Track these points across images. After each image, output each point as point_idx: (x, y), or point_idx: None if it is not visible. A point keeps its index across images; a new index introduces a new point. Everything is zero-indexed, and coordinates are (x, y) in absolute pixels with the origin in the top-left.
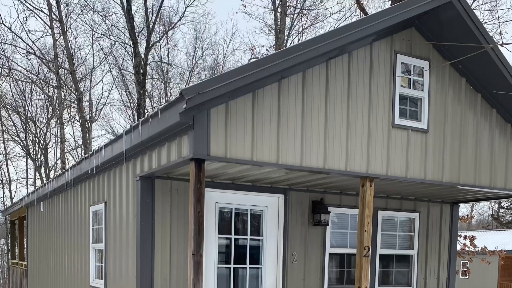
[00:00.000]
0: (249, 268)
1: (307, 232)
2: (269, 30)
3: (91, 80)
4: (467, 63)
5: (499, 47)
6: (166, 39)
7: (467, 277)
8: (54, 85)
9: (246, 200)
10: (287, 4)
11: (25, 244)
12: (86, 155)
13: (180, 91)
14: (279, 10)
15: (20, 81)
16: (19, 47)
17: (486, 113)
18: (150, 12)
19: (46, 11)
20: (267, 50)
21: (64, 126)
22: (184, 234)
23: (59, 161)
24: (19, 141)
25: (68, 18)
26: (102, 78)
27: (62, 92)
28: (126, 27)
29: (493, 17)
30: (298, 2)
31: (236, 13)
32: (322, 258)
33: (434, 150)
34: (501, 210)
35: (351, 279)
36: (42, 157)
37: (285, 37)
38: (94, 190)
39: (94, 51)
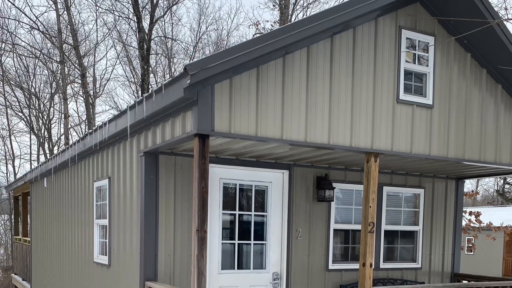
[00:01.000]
0: (254, 244)
1: (311, 208)
2: (273, 5)
3: (94, 56)
4: (472, 38)
5: (504, 22)
6: (170, 14)
7: (472, 253)
8: (58, 60)
9: (251, 176)
10: None
11: (28, 220)
12: (90, 131)
13: (184, 66)
14: None
15: (23, 57)
16: (22, 22)
17: (491, 89)
18: None
19: None
20: (271, 25)
21: (68, 102)
22: (188, 210)
23: (62, 137)
24: (23, 116)
25: None
26: (106, 54)
27: (65, 68)
28: (130, 2)
29: None
30: None
31: None
32: (326, 234)
33: (439, 125)
34: (506, 186)
35: (356, 255)
36: (46, 133)
37: (290, 12)
38: (98, 165)
39: (98, 26)
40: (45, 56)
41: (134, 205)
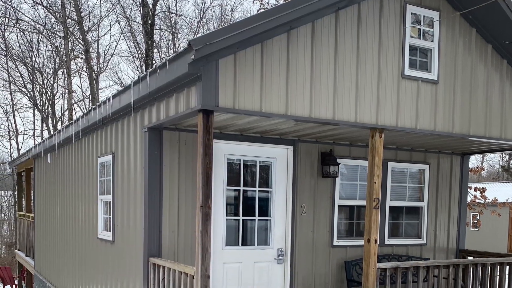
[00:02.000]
0: (258, 220)
1: (316, 184)
2: None
3: (98, 31)
4: (477, 13)
5: None
6: None
7: (477, 229)
8: (61, 35)
9: (255, 152)
10: None
11: (32, 196)
12: (94, 106)
13: (189, 41)
14: None
15: (27, 32)
16: None
17: (496, 64)
18: None
19: None
20: (275, 0)
21: (72, 77)
22: (192, 186)
23: (66, 112)
24: (26, 92)
25: None
26: (110, 29)
27: (69, 43)
28: None
29: None
30: None
31: None
32: (331, 210)
33: (444, 101)
34: None
35: (361, 231)
36: (49, 108)
37: None
38: (102, 141)
39: (102, 1)
40: (48, 32)
41: (138, 181)
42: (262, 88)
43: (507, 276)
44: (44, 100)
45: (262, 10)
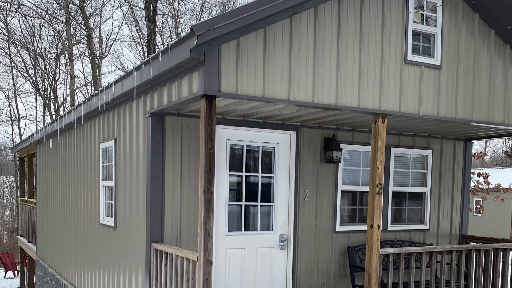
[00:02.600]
0: (261, 205)
1: (319, 170)
2: None
3: (101, 16)
4: None
5: None
6: None
7: (480, 214)
8: (64, 21)
9: (258, 137)
10: None
11: (34, 182)
12: (96, 92)
13: (191, 26)
14: None
15: (29, 17)
16: None
17: (499, 49)
18: None
19: None
20: None
21: (74, 62)
22: (195, 172)
23: (68, 98)
24: (28, 77)
25: None
26: (112, 14)
27: (71, 28)
28: None
29: None
30: None
31: None
32: (334, 196)
33: (447, 86)
34: None
35: (364, 216)
36: (52, 94)
37: None
38: (104, 127)
39: None
40: (51, 17)
41: (140, 166)
42: (264, 73)
43: (510, 262)
44: (46, 85)
45: None
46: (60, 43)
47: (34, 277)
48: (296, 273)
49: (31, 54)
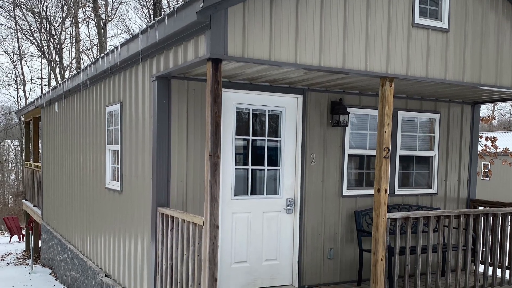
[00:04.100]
0: (267, 169)
1: (325, 133)
2: None
3: None
4: None
5: None
6: None
7: (488, 178)
8: None
9: (264, 101)
10: None
11: (39, 146)
12: (102, 55)
13: None
14: None
15: None
16: None
17: (507, 13)
18: None
19: None
20: None
21: (79, 26)
22: (201, 135)
23: (74, 61)
24: (34, 40)
25: None
26: None
27: None
28: None
29: None
30: None
31: None
32: (341, 160)
33: (455, 50)
34: None
35: (371, 180)
36: (57, 57)
37: None
38: (110, 90)
39: None
40: None
41: (146, 130)
42: (271, 36)
43: None
44: (51, 48)
45: None
46: (65, 6)
47: (40, 242)
48: (303, 237)
49: (36, 17)
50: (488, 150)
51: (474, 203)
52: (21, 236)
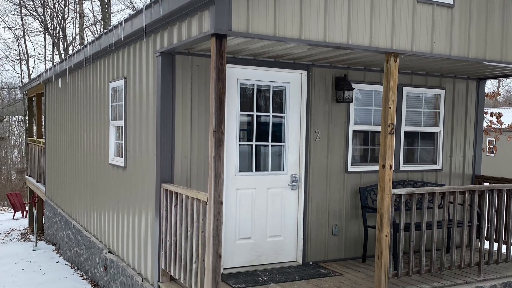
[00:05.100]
0: (272, 145)
1: (330, 109)
2: None
3: None
4: None
5: None
6: None
7: (493, 154)
8: None
9: (269, 76)
10: None
11: (43, 121)
12: (105, 31)
13: None
14: None
15: None
16: None
17: None
18: None
19: None
20: None
21: (83, 1)
22: (205, 111)
23: (77, 37)
24: (37, 16)
25: None
26: None
27: None
28: None
29: None
30: None
31: None
32: (345, 136)
33: (460, 25)
34: None
35: (375, 156)
36: (61, 33)
37: None
38: (114, 66)
39: None
40: None
41: (150, 106)
42: (275, 12)
43: None
44: (55, 24)
45: None
46: None
47: (43, 218)
48: (308, 213)
49: None
50: (493, 126)
51: (479, 179)
52: (24, 212)
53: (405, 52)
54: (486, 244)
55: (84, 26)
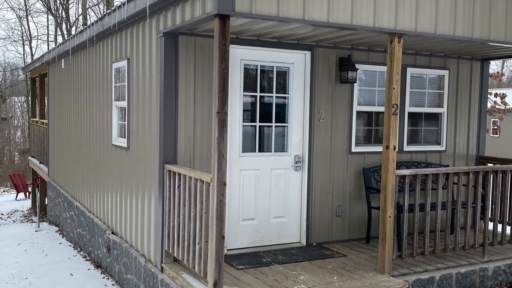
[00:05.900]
0: (275, 126)
1: (334, 90)
2: None
3: None
4: None
5: None
6: None
7: (497, 135)
8: None
9: (272, 57)
10: None
11: (45, 102)
12: (108, 11)
13: None
14: None
15: None
16: None
17: None
18: None
19: None
20: None
21: None
22: (209, 92)
23: (80, 17)
24: None
25: None
26: None
27: None
28: None
29: None
30: None
31: None
32: (349, 116)
33: (464, 5)
34: None
35: (379, 137)
36: (63, 13)
37: None
38: (117, 46)
39: None
40: None
41: (153, 87)
42: None
43: None
44: (58, 4)
45: None
46: None
47: (46, 199)
48: (311, 194)
49: None
50: (497, 107)
51: (483, 160)
52: (27, 193)
53: (409, 32)
54: (490, 225)
55: (87, 6)
